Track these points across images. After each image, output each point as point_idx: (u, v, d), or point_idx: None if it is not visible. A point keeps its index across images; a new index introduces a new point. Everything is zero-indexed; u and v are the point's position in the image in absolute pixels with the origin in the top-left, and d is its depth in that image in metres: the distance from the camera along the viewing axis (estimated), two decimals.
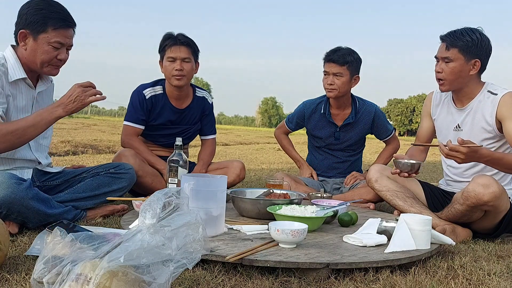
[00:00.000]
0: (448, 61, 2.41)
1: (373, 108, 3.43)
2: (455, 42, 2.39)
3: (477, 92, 2.49)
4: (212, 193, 1.96)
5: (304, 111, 3.51)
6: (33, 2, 2.22)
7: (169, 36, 3.00)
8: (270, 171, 5.58)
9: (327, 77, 3.28)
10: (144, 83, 3.16)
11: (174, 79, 2.99)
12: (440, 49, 2.47)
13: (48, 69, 2.27)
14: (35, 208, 2.04)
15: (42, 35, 2.19)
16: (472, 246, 2.27)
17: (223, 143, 12.53)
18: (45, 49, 2.21)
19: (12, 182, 1.98)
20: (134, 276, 1.20)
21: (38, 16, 2.17)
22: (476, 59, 2.40)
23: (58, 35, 2.21)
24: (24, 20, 2.19)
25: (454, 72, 2.41)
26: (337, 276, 1.72)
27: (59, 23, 2.21)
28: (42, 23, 2.18)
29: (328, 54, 3.30)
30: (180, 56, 2.96)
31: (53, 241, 1.34)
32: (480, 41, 2.40)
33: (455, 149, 2.15)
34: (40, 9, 2.18)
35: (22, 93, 2.28)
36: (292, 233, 1.81)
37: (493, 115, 2.42)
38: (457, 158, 2.18)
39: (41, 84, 2.38)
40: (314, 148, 3.60)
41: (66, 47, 2.28)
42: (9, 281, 1.52)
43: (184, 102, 3.17)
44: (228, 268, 1.72)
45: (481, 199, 2.20)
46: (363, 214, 2.60)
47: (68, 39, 2.26)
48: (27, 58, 2.23)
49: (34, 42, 2.20)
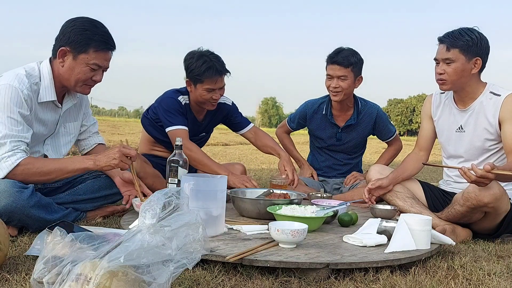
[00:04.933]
0: (450, 62, 2.40)
1: (375, 110, 3.41)
2: (455, 43, 2.39)
3: (479, 93, 2.48)
4: (212, 193, 1.96)
5: (306, 111, 3.50)
6: (78, 21, 2.20)
7: (208, 66, 2.88)
8: (270, 171, 5.58)
9: (331, 80, 3.21)
10: (171, 89, 3.12)
11: (211, 105, 3.00)
12: (439, 51, 2.46)
13: (81, 88, 2.27)
14: (36, 215, 2.04)
15: (82, 55, 2.18)
16: (472, 246, 2.27)
17: (223, 143, 12.53)
18: (83, 69, 2.20)
19: (14, 190, 1.96)
20: (134, 276, 1.20)
21: (81, 37, 2.16)
22: (476, 57, 2.40)
23: (97, 57, 2.21)
24: (66, 38, 2.18)
25: (456, 72, 2.40)
26: (337, 276, 1.72)
27: (101, 46, 2.21)
28: (84, 44, 2.17)
29: (331, 56, 3.22)
30: (218, 86, 2.94)
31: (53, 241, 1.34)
32: (480, 39, 2.40)
33: (484, 176, 2.08)
34: (84, 30, 2.18)
35: (48, 111, 2.28)
36: (292, 233, 1.81)
37: (495, 116, 2.41)
38: (483, 183, 2.14)
39: (67, 100, 2.38)
40: (316, 148, 3.60)
41: (103, 69, 2.28)
42: (9, 281, 1.52)
43: (202, 114, 3.16)
44: (228, 268, 1.72)
45: (482, 201, 2.20)
46: (363, 214, 2.60)
47: (106, 62, 2.26)
48: (62, 75, 2.22)
49: (73, 61, 2.19)
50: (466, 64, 2.39)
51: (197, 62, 2.88)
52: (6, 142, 2.03)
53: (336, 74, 3.18)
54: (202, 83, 2.89)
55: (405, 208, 2.48)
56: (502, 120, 2.39)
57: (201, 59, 2.87)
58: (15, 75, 2.14)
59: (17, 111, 2.08)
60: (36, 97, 2.19)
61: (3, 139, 2.03)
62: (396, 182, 2.57)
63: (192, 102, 3.08)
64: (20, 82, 2.11)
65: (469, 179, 2.13)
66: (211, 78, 2.87)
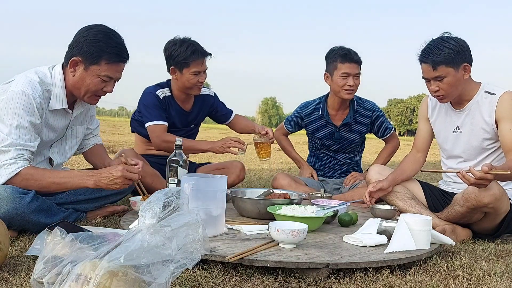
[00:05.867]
0: (441, 78, 2.38)
1: (371, 107, 3.43)
2: (438, 60, 2.34)
3: (474, 93, 2.48)
4: (212, 193, 1.96)
5: (302, 112, 3.51)
6: (92, 32, 2.17)
7: (193, 50, 2.97)
8: (270, 171, 5.58)
9: (346, 78, 3.19)
10: (148, 86, 3.16)
11: (197, 89, 3.08)
12: (425, 70, 2.41)
13: (89, 99, 2.25)
14: (36, 220, 2.04)
15: (94, 66, 2.16)
16: (472, 246, 2.27)
17: None
18: (94, 80, 2.18)
19: (14, 197, 1.96)
20: (134, 276, 1.20)
21: (94, 48, 2.13)
22: (464, 64, 2.38)
23: (109, 69, 2.18)
24: (79, 48, 2.15)
25: (451, 85, 2.38)
26: (337, 276, 1.72)
27: (113, 58, 2.18)
28: (96, 56, 2.14)
29: (345, 53, 3.20)
30: (203, 68, 3.03)
31: (53, 241, 1.34)
32: (459, 45, 2.35)
33: (483, 177, 2.08)
34: (98, 41, 2.14)
35: (59, 117, 2.28)
36: (292, 233, 1.81)
37: (492, 115, 2.41)
38: (482, 185, 2.14)
39: (78, 106, 2.37)
40: (315, 149, 3.60)
41: (114, 80, 2.26)
42: (9, 281, 1.52)
43: (189, 103, 3.21)
44: (228, 268, 1.72)
45: (481, 201, 2.20)
46: (363, 214, 2.60)
47: (118, 73, 2.24)
48: (73, 84, 2.20)
49: (85, 71, 2.17)
50: (456, 74, 2.37)
51: (180, 47, 2.96)
52: (11, 150, 2.03)
53: (354, 72, 3.20)
54: (189, 67, 2.97)
55: (405, 208, 2.48)
56: (499, 119, 2.39)
57: (184, 44, 2.97)
58: (28, 81, 2.11)
59: (28, 119, 2.06)
60: (47, 104, 2.18)
61: (8, 146, 2.03)
62: (395, 183, 2.57)
63: (176, 92, 3.12)
64: (34, 90, 2.10)
65: (468, 182, 2.13)
66: (196, 60, 2.97)
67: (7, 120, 2.04)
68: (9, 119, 2.04)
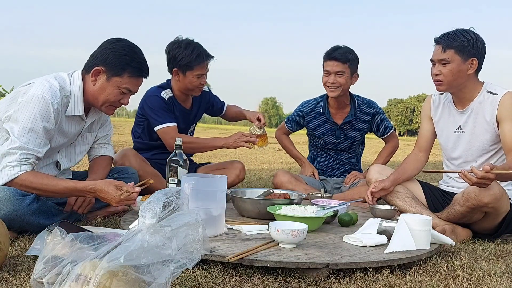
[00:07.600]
0: (446, 63, 2.40)
1: (372, 105, 3.44)
2: (451, 43, 2.38)
3: (477, 93, 2.48)
4: (212, 193, 1.96)
5: (303, 111, 3.52)
6: (118, 44, 2.21)
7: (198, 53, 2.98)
8: (270, 171, 5.58)
9: (328, 75, 3.25)
10: (152, 87, 3.16)
11: (198, 90, 3.10)
12: (435, 51, 2.45)
13: (106, 108, 2.28)
14: (36, 222, 2.04)
15: (116, 78, 2.19)
16: (472, 246, 2.27)
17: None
18: (114, 91, 2.21)
19: (14, 198, 1.96)
20: (134, 276, 1.20)
21: (119, 60, 2.18)
22: (472, 58, 2.40)
23: (130, 82, 2.22)
24: (104, 58, 2.18)
25: (452, 73, 2.40)
26: (337, 276, 1.72)
27: (136, 73, 2.23)
28: (121, 68, 2.18)
29: (329, 52, 3.28)
30: (207, 70, 3.06)
31: (53, 241, 1.34)
32: (475, 40, 2.39)
33: (485, 177, 2.08)
34: (124, 54, 2.19)
35: (73, 123, 2.29)
36: (292, 233, 1.81)
37: (493, 116, 2.41)
38: (484, 184, 2.14)
39: (93, 113, 2.38)
40: (315, 149, 3.60)
41: (131, 93, 2.29)
42: (9, 281, 1.52)
43: (189, 102, 3.23)
44: (228, 268, 1.72)
45: (482, 201, 2.20)
46: (363, 214, 2.60)
47: (136, 87, 2.28)
48: (92, 93, 2.23)
49: (106, 81, 2.20)
50: (462, 64, 2.39)
51: (185, 50, 2.96)
52: (17, 152, 2.03)
53: (334, 70, 3.22)
54: (192, 70, 2.98)
55: (405, 208, 2.48)
56: (500, 119, 2.39)
57: (189, 48, 2.97)
58: (49, 86, 2.13)
59: (42, 125, 2.07)
60: (65, 110, 2.20)
61: (16, 149, 2.03)
62: (397, 183, 2.57)
63: (177, 92, 3.13)
64: (53, 95, 2.11)
65: (470, 182, 2.12)
66: (201, 64, 2.98)
67: (22, 122, 2.06)
68: (24, 121, 2.05)
